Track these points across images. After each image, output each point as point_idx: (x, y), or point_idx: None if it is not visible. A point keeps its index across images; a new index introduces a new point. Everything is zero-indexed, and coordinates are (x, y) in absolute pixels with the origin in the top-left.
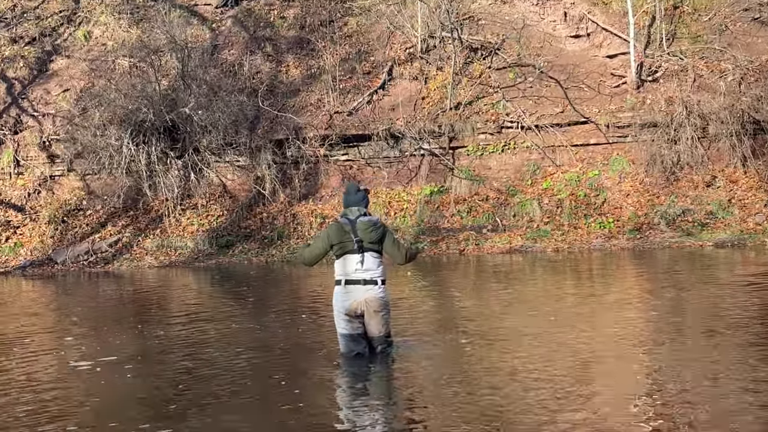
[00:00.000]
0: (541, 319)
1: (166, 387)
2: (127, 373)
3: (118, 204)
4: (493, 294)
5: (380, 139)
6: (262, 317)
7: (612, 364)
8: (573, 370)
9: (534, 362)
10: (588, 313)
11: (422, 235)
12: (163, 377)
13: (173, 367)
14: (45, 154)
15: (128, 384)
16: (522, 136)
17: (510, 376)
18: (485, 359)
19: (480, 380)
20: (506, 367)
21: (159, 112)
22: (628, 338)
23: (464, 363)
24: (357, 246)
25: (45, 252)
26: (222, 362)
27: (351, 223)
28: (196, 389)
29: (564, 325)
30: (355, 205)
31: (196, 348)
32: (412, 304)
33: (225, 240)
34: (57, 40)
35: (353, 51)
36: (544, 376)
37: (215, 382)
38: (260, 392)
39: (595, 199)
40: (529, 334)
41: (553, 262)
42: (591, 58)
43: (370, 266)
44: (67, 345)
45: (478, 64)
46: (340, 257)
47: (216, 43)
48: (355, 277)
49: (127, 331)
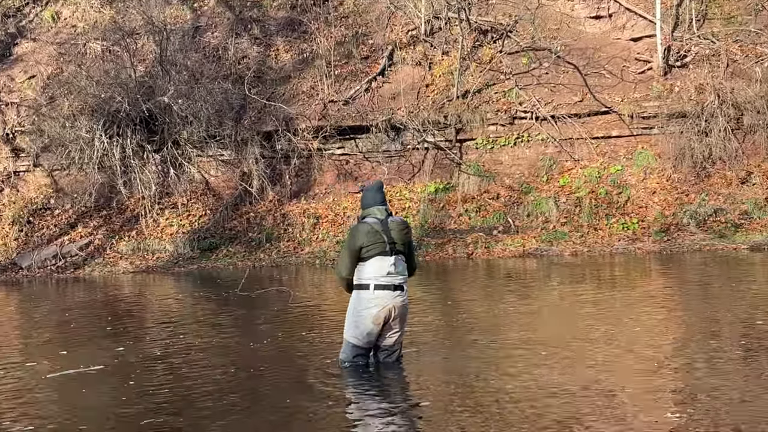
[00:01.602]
0: (562, 332)
1: (138, 399)
2: (97, 386)
3: (89, 203)
4: (504, 304)
5: (380, 131)
6: (247, 327)
7: (637, 390)
8: (592, 392)
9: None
10: (606, 325)
11: (426, 237)
12: (136, 390)
13: (148, 380)
14: (8, 148)
15: (99, 397)
16: (537, 128)
17: (528, 400)
18: (498, 372)
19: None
20: (522, 386)
21: (135, 101)
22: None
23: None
24: (389, 248)
25: (8, 256)
26: (203, 375)
27: (381, 224)
28: (173, 402)
29: (582, 339)
30: (382, 204)
31: (174, 360)
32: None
33: (208, 243)
34: (21, 21)
35: (350, 33)
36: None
37: (194, 396)
38: (247, 407)
39: (617, 198)
40: (554, 354)
41: (571, 267)
42: (613, 41)
43: (400, 270)
44: (32, 357)
45: (488, 48)
46: (369, 260)
47: (198, 24)
48: (387, 281)
49: (97, 342)
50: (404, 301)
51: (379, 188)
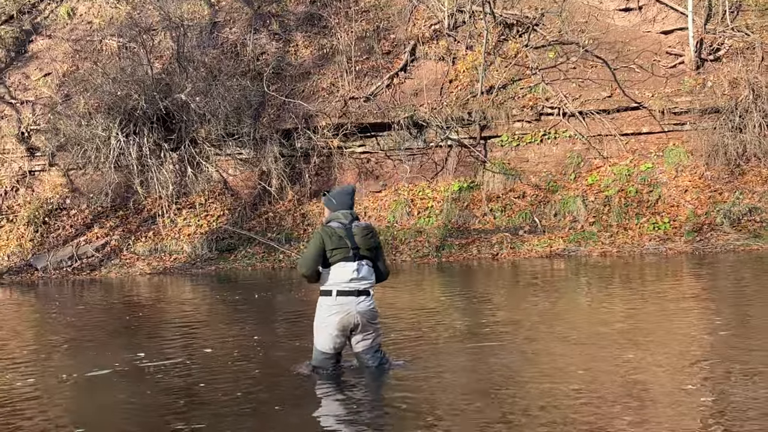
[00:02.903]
0: (594, 338)
1: (156, 405)
2: (115, 390)
3: (105, 203)
4: (532, 306)
5: (402, 128)
6: (265, 334)
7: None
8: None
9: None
10: (635, 331)
11: (450, 237)
12: (153, 395)
13: (164, 385)
14: (24, 147)
15: (116, 401)
16: (564, 124)
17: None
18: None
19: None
20: (543, 395)
21: (151, 99)
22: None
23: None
24: (353, 253)
25: (24, 257)
26: (219, 383)
27: (345, 228)
28: (191, 409)
29: (611, 346)
30: (346, 207)
31: (189, 365)
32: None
33: (226, 243)
34: (37, 18)
35: (371, 28)
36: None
37: (212, 404)
38: (263, 416)
39: (648, 196)
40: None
41: (601, 268)
42: (643, 34)
43: (365, 275)
44: (51, 359)
45: (513, 43)
46: (333, 265)
47: (216, 20)
48: (349, 287)
49: (114, 344)
50: (369, 306)
51: (348, 192)
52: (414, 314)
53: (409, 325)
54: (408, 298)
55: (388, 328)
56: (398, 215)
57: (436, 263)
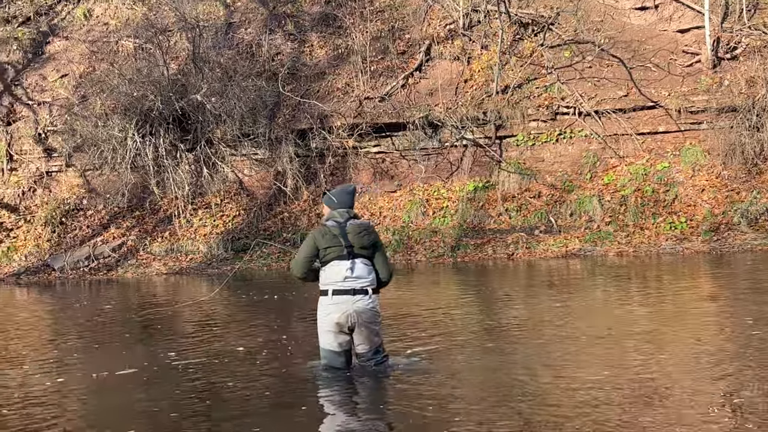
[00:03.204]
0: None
1: (175, 406)
2: (145, 389)
3: (122, 203)
4: (549, 306)
5: (417, 128)
6: (291, 333)
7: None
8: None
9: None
10: (654, 331)
11: (465, 237)
12: (173, 396)
13: (193, 384)
14: (41, 148)
15: (145, 400)
16: (580, 124)
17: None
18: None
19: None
20: (559, 393)
21: (167, 100)
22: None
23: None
24: (347, 252)
25: (41, 257)
26: (237, 383)
27: (340, 227)
28: (208, 408)
29: (630, 347)
30: (346, 206)
31: (218, 364)
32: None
33: (241, 243)
34: (54, 19)
35: (386, 28)
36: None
37: (230, 404)
38: (280, 418)
39: (664, 196)
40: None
41: (617, 268)
42: (659, 33)
43: (360, 274)
44: (81, 358)
45: (528, 42)
46: (327, 264)
47: (231, 20)
48: (344, 286)
49: (132, 346)
50: (368, 305)
51: (347, 191)
52: (430, 313)
53: (425, 324)
54: (424, 297)
55: (404, 327)
56: (413, 215)
57: (451, 263)
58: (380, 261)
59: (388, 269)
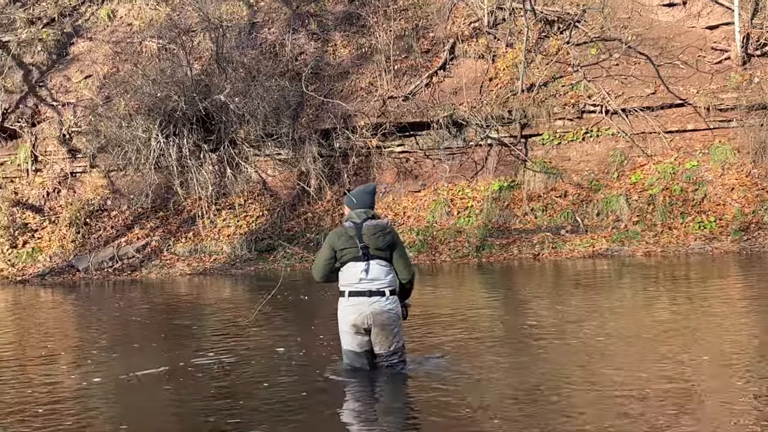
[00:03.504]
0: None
1: (207, 406)
2: (178, 389)
3: (146, 204)
4: (576, 306)
5: (441, 127)
6: (328, 334)
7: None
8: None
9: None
10: (684, 331)
11: (490, 237)
12: (206, 396)
13: (227, 384)
14: (65, 149)
15: (179, 399)
16: (607, 122)
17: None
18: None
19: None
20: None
21: (191, 100)
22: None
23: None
24: (362, 253)
25: (66, 258)
26: (273, 384)
27: (356, 228)
28: (251, 409)
29: (659, 347)
30: (364, 207)
31: (255, 365)
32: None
33: (265, 244)
34: (78, 20)
35: (409, 27)
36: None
37: (264, 404)
38: (307, 418)
39: (693, 195)
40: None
41: (645, 268)
42: (688, 29)
43: (376, 275)
44: (116, 358)
45: (554, 40)
46: (344, 265)
47: (254, 20)
48: (360, 287)
49: (179, 344)
50: (385, 307)
51: (367, 191)
52: (457, 313)
53: (453, 324)
54: (450, 297)
55: (432, 327)
56: (437, 215)
57: (476, 263)
58: (399, 262)
59: (409, 270)
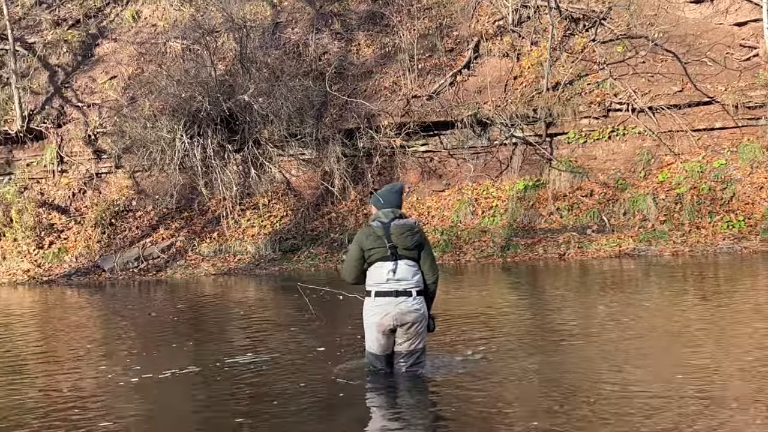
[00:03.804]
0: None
1: (241, 406)
2: (215, 388)
3: (170, 204)
4: (604, 307)
5: (465, 126)
6: (359, 333)
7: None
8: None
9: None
10: (712, 332)
11: (515, 237)
12: (240, 395)
13: (264, 384)
14: (91, 150)
15: (214, 398)
16: (633, 120)
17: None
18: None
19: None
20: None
21: (215, 101)
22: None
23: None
24: (390, 252)
25: (91, 258)
26: (309, 383)
27: (384, 227)
28: (273, 408)
29: (686, 348)
30: (392, 206)
31: (296, 364)
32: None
33: (289, 244)
34: (103, 21)
35: (433, 25)
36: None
37: (297, 404)
38: (330, 418)
39: (721, 194)
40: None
41: (673, 268)
42: (715, 26)
43: (404, 275)
44: (152, 357)
45: (579, 37)
46: (372, 265)
47: (278, 20)
48: (387, 288)
49: (217, 343)
50: (411, 307)
51: (393, 190)
52: (484, 313)
53: (480, 324)
54: (476, 297)
55: (459, 327)
56: (462, 215)
57: (500, 263)
58: (426, 262)
59: (435, 271)
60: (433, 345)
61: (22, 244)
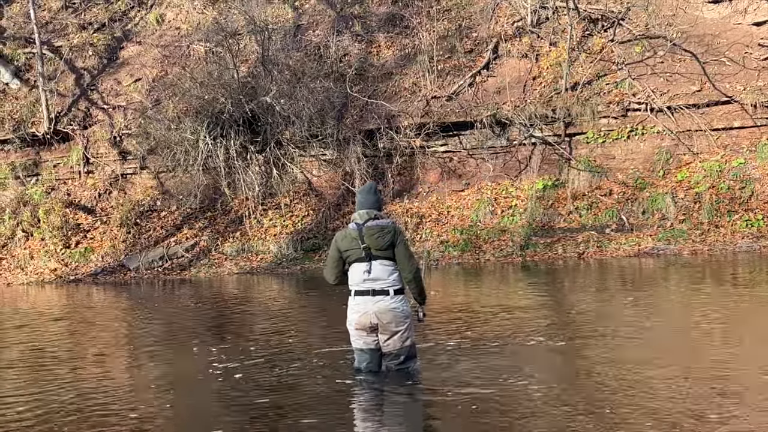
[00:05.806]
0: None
1: (267, 402)
2: (240, 386)
3: (194, 204)
4: (624, 305)
5: (484, 126)
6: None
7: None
8: None
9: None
10: (729, 330)
11: (534, 236)
12: (266, 391)
13: (268, 381)
14: (116, 151)
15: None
16: (651, 120)
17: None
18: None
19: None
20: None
21: (238, 102)
22: None
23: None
24: (365, 253)
25: (117, 258)
26: (337, 382)
27: (358, 229)
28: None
29: (704, 345)
30: (367, 207)
31: (279, 361)
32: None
33: (311, 243)
34: (127, 25)
35: (453, 27)
36: None
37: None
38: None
39: (740, 193)
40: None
41: (692, 267)
42: (733, 26)
43: (379, 275)
44: (190, 353)
45: (598, 38)
46: (351, 266)
47: (299, 23)
48: (364, 287)
49: (217, 343)
50: (389, 306)
51: (366, 190)
52: (503, 311)
53: (500, 323)
54: (495, 296)
55: (479, 325)
56: (481, 214)
57: (520, 262)
58: (401, 260)
59: (410, 268)
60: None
61: (49, 244)
